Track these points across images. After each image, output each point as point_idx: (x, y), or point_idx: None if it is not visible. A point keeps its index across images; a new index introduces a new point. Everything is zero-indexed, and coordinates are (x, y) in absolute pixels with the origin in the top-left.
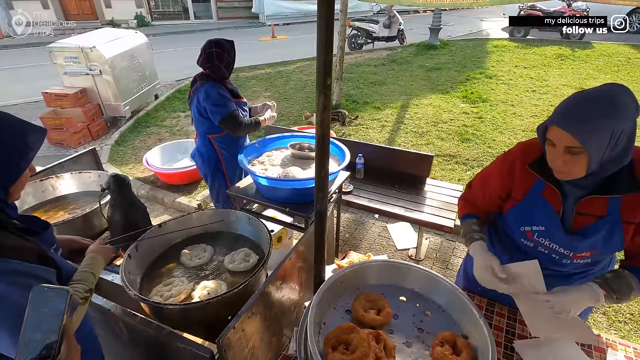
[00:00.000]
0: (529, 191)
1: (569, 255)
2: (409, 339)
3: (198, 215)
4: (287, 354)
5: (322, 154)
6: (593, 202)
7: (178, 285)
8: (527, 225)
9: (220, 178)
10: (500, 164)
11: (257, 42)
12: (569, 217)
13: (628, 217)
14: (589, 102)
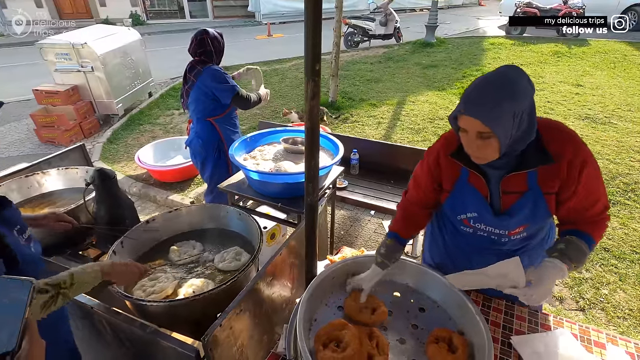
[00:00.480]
0: (456, 180)
1: (505, 234)
2: (403, 335)
3: (187, 211)
4: (276, 351)
5: (312, 145)
6: (513, 180)
7: (163, 282)
8: (461, 213)
9: (222, 163)
10: (427, 158)
11: (253, 40)
12: (497, 198)
13: (547, 189)
14: (490, 87)
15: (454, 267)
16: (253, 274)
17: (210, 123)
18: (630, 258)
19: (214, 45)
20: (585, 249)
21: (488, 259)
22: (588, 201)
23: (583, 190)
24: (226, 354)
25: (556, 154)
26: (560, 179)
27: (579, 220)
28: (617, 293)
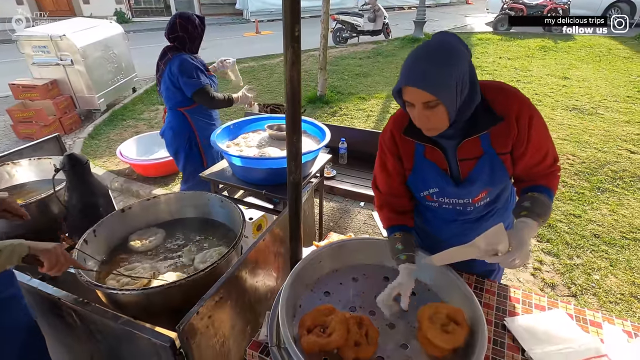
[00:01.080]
0: (414, 158)
1: (469, 202)
2: (392, 320)
3: (166, 200)
4: (257, 339)
5: (294, 117)
6: (467, 146)
7: (139, 273)
8: (423, 190)
9: (195, 155)
10: (383, 142)
11: (241, 37)
12: (455, 168)
13: (501, 149)
14: (429, 56)
15: (427, 244)
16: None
17: (181, 113)
18: (620, 244)
19: (188, 31)
20: (548, 202)
21: (458, 230)
22: (539, 155)
23: (534, 145)
24: (205, 344)
25: (503, 112)
26: (511, 136)
27: (533, 176)
28: (609, 278)
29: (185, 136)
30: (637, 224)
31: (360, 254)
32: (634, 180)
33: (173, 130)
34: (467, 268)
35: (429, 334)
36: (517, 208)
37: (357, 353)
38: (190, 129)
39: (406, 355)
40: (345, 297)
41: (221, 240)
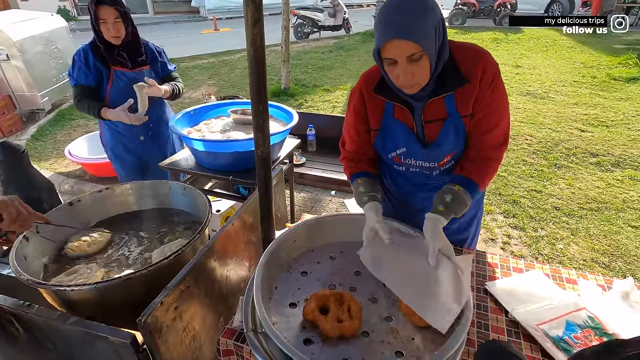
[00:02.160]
0: (382, 117)
1: (435, 166)
2: (374, 294)
3: (122, 190)
4: (232, 327)
5: (258, 84)
6: (433, 107)
7: (84, 274)
8: (391, 150)
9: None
10: (352, 100)
11: (199, 35)
12: (421, 130)
13: (464, 112)
14: (406, 7)
15: (403, 213)
16: None
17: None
18: (578, 214)
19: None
20: (468, 200)
21: (429, 195)
22: (490, 122)
23: (489, 109)
24: (174, 340)
25: (468, 73)
26: (474, 98)
27: (476, 149)
28: (571, 246)
29: (103, 143)
30: (591, 195)
31: (336, 231)
32: (586, 156)
33: (99, 135)
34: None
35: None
36: (438, 197)
37: (341, 330)
38: (100, 133)
39: (391, 327)
40: (323, 276)
41: (185, 231)
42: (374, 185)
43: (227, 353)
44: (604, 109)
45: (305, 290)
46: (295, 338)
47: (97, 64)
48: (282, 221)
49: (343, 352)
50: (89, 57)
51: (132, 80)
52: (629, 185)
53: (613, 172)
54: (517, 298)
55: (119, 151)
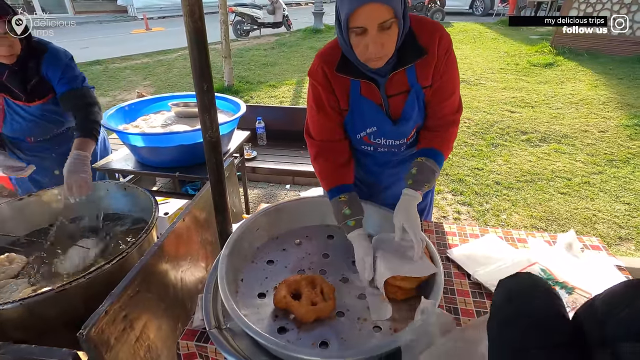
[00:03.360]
0: (349, 96)
1: (403, 142)
2: (344, 274)
3: (49, 197)
4: (192, 327)
5: (200, 59)
6: (395, 81)
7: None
8: (361, 130)
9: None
10: (314, 80)
11: (129, 35)
12: (385, 105)
13: (424, 83)
14: None
15: (368, 194)
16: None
17: None
18: (516, 187)
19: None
20: (435, 169)
21: (394, 171)
22: (447, 90)
23: (445, 78)
24: (126, 353)
25: (426, 44)
26: (432, 68)
27: (435, 117)
28: (513, 216)
29: None
30: (525, 169)
31: (300, 216)
32: (517, 134)
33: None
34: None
35: (389, 280)
36: (407, 174)
37: (316, 313)
38: None
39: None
40: (291, 262)
41: (129, 235)
42: (357, 202)
43: (189, 357)
44: (528, 92)
45: (274, 278)
46: (269, 328)
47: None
48: (238, 217)
49: (320, 335)
50: None
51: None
52: (555, 157)
53: (541, 146)
54: (477, 261)
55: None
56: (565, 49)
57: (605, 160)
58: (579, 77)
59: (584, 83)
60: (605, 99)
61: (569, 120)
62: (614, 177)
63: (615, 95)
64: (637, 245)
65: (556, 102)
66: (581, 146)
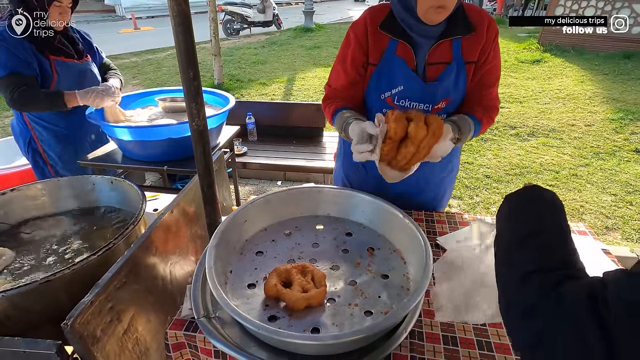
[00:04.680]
0: (383, 53)
1: (428, 110)
2: (335, 262)
3: (33, 192)
4: (180, 317)
5: (186, 44)
6: (439, 50)
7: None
8: (386, 90)
9: (40, 165)
10: (353, 32)
11: (117, 34)
12: (422, 70)
13: (469, 58)
14: None
15: (372, 180)
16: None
17: (19, 112)
18: (506, 180)
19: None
20: (472, 128)
21: None
22: (493, 76)
23: (491, 63)
24: (113, 345)
25: (476, 23)
26: (479, 46)
27: (479, 101)
28: None
29: (25, 140)
30: (514, 162)
31: (288, 206)
32: (506, 128)
33: (12, 130)
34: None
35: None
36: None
37: (308, 299)
38: (29, 132)
39: (357, 289)
40: (281, 253)
41: (117, 229)
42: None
43: (178, 347)
44: (516, 87)
45: (263, 269)
46: (259, 317)
47: (36, 52)
48: (228, 211)
49: (312, 322)
50: (24, 42)
51: (81, 73)
52: (543, 151)
53: (529, 140)
54: (464, 244)
55: (69, 157)
56: (552, 46)
57: (592, 153)
58: (565, 72)
59: (571, 79)
60: (591, 94)
61: (556, 114)
62: (600, 170)
63: (601, 90)
64: (623, 234)
65: (544, 98)
66: (568, 140)
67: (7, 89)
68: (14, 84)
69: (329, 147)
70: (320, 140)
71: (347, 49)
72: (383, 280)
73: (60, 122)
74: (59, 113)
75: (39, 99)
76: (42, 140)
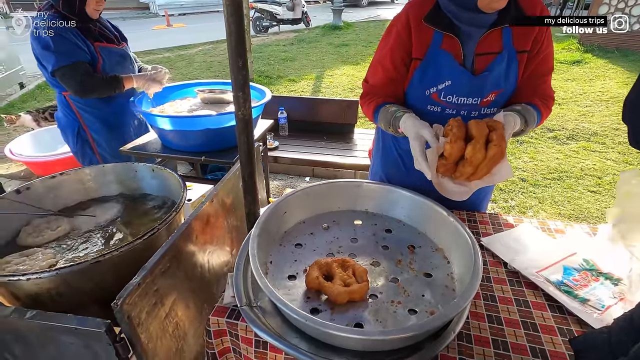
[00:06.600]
0: (428, 47)
1: (477, 104)
2: (375, 258)
3: (79, 176)
4: (222, 304)
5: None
6: (489, 39)
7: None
8: (432, 86)
9: (88, 154)
10: (394, 27)
11: (151, 31)
12: (470, 63)
13: (520, 47)
14: None
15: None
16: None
17: (64, 99)
18: (543, 184)
19: None
20: (534, 117)
21: None
22: (546, 67)
23: (545, 53)
24: (156, 327)
25: (528, 9)
26: (532, 35)
27: (534, 91)
28: (540, 213)
29: (73, 131)
30: (552, 166)
31: (328, 200)
32: (544, 131)
33: (59, 121)
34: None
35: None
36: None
37: (350, 294)
38: (77, 121)
39: (399, 287)
40: (319, 246)
41: (156, 216)
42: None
43: (219, 334)
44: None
45: (303, 261)
46: (301, 309)
47: (83, 38)
48: (263, 204)
49: (354, 317)
50: (71, 29)
51: (122, 57)
52: (584, 155)
53: (569, 144)
54: (514, 249)
55: (116, 143)
56: (594, 46)
57: (639, 160)
58: (609, 74)
59: (614, 81)
60: None
61: (598, 118)
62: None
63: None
64: None
65: (585, 100)
66: (612, 144)
67: (72, 78)
68: (78, 71)
69: (360, 143)
70: (351, 137)
71: (386, 45)
72: (426, 278)
73: (105, 107)
74: (104, 99)
75: (103, 84)
76: (90, 127)
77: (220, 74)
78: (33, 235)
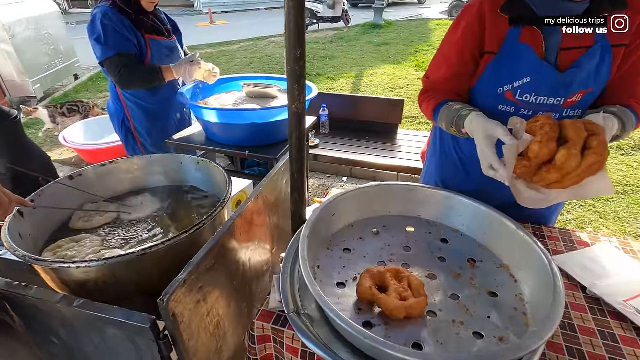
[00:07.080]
0: (504, 41)
1: (559, 104)
2: (431, 270)
3: (128, 165)
4: (268, 309)
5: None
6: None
7: (87, 246)
8: (506, 83)
9: (131, 142)
10: (465, 17)
11: (194, 27)
12: (553, 58)
13: (617, 40)
14: None
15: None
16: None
17: (114, 88)
18: (604, 198)
19: None
20: (632, 121)
21: None
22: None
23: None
24: (197, 325)
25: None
26: (635, 27)
27: (630, 93)
28: (601, 230)
29: (119, 119)
30: (616, 179)
31: (377, 203)
32: None
33: (109, 109)
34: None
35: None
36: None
37: (408, 309)
38: (124, 111)
39: (461, 305)
40: (370, 253)
41: (199, 209)
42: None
43: (263, 340)
44: None
45: (352, 268)
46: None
47: (135, 29)
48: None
49: (412, 335)
50: (124, 21)
51: (170, 50)
52: None
53: (634, 155)
54: (593, 272)
55: (157, 134)
56: None
57: None
58: None
59: None
60: None
61: None
62: None
63: None
64: None
65: None
66: None
67: (115, 69)
68: (121, 63)
69: (403, 145)
70: (394, 138)
71: (452, 37)
72: (491, 297)
73: (149, 98)
74: (149, 90)
75: (143, 75)
76: (134, 118)
77: (260, 71)
78: (84, 219)
